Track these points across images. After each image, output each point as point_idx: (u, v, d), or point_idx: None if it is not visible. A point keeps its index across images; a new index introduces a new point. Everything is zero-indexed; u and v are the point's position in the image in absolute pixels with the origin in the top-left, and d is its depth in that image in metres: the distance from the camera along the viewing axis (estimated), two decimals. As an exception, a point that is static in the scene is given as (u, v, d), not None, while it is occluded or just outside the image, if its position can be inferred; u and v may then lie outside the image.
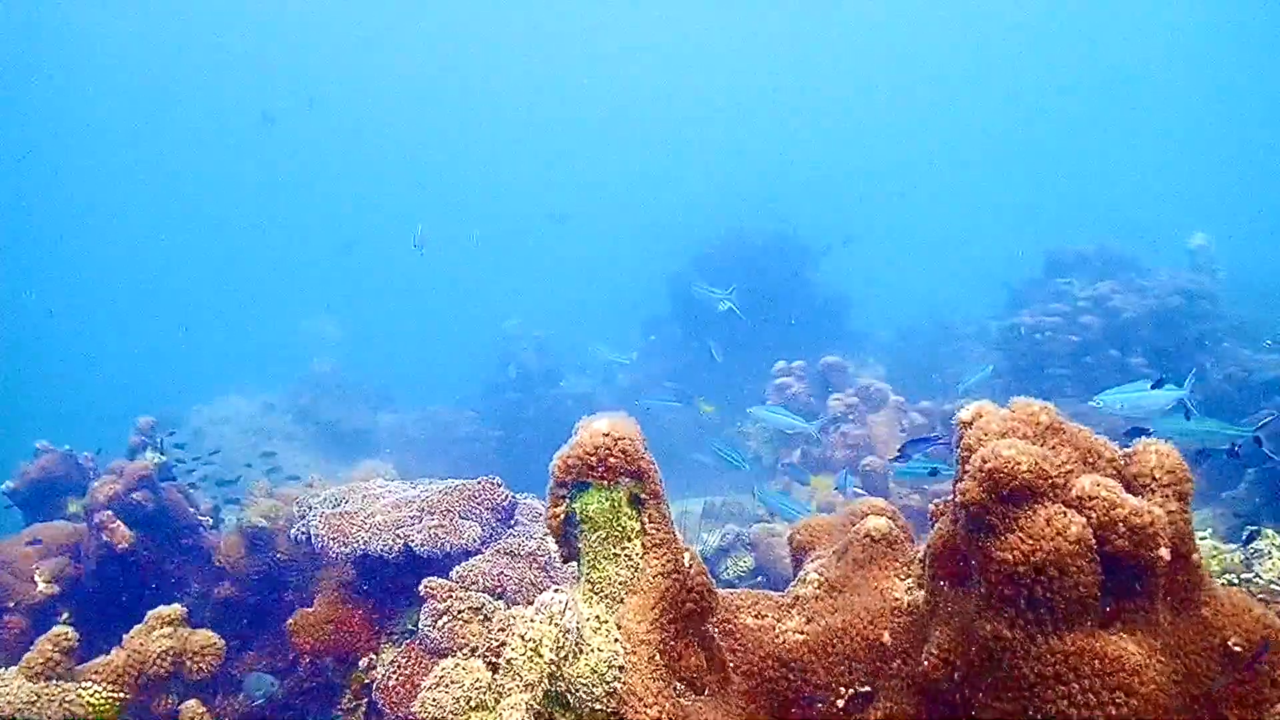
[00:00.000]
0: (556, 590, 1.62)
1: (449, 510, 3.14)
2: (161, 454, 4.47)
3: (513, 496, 3.34)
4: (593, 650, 1.56)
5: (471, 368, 16.55)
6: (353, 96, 37.21)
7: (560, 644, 1.52)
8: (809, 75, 38.50)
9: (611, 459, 1.69)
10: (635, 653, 1.62)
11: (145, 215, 38.14)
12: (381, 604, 3.21)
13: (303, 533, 3.22)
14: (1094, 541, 1.58)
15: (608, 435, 1.69)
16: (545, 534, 3.22)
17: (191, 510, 4.18)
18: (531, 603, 2.86)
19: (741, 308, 14.67)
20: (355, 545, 3.07)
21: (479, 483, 3.26)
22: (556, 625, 1.54)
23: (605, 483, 1.72)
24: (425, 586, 2.76)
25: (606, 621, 1.64)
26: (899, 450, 4.42)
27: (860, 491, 5.16)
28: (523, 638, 1.49)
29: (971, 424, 1.78)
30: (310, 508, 3.39)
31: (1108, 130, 35.82)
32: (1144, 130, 35.33)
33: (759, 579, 5.45)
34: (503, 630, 1.65)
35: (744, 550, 5.50)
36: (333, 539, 3.09)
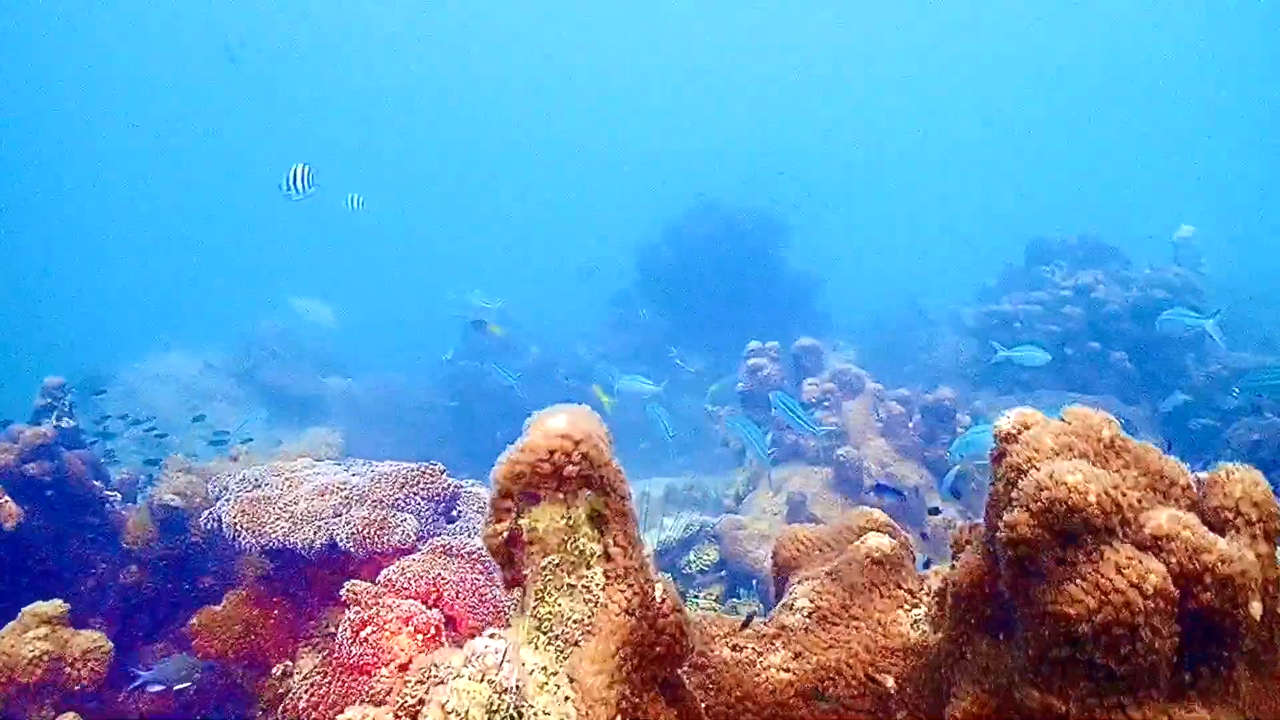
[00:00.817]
0: (492, 636, 1.28)
1: (381, 500, 2.78)
2: (70, 418, 4.05)
3: (455, 485, 2.99)
4: (536, 716, 1.22)
5: (430, 335, 16.12)
6: (312, 46, 36.27)
7: (494, 709, 1.18)
8: (789, 54, 38.07)
9: (570, 467, 1.34)
10: (590, 716, 1.28)
11: (83, 159, 36.95)
12: (302, 602, 2.86)
13: (214, 519, 2.85)
14: (1175, 594, 1.27)
15: (566, 436, 1.34)
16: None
17: (98, 484, 3.78)
18: (470, 624, 2.53)
19: (712, 283, 14.38)
20: (272, 537, 2.71)
21: (417, 468, 2.90)
22: (490, 684, 1.20)
23: (561, 496, 1.38)
24: (348, 591, 2.40)
25: (556, 674, 1.30)
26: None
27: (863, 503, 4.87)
28: (444, 708, 1.14)
29: (1017, 437, 1.45)
30: (225, 488, 3.01)
31: (1094, 118, 35.78)
32: (1134, 118, 35.29)
33: (723, 573, 5.15)
34: (420, 682, 1.30)
35: (708, 543, 5.20)
36: (246, 528, 2.72)
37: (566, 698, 1.28)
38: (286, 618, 2.80)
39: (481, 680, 1.19)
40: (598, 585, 1.38)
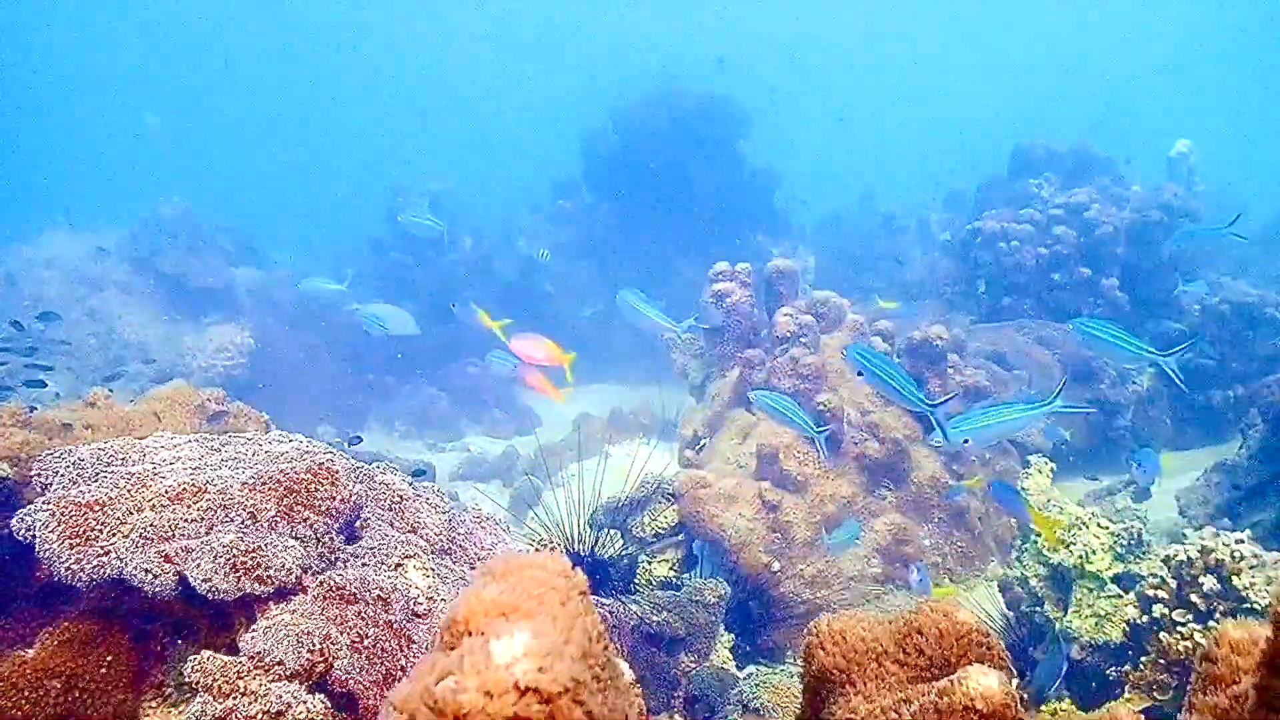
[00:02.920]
0: None
1: (255, 516, 2.11)
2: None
3: (356, 492, 2.32)
4: None
5: (355, 221, 15.18)
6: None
7: None
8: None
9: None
10: None
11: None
12: (146, 638, 2.20)
13: (28, 529, 2.15)
14: None
15: (531, 693, 0.68)
16: (411, 551, 2.22)
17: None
18: (374, 705, 1.89)
19: (663, 175, 13.58)
20: (102, 565, 2.03)
21: (308, 470, 2.22)
22: None
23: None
24: (196, 669, 1.75)
25: None
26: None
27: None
28: None
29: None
30: (49, 480, 2.31)
31: (1086, 22, 34.85)
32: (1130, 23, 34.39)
33: (680, 537, 4.59)
34: None
35: (665, 502, 4.61)
36: (68, 552, 2.04)
37: None
38: (125, 662, 2.15)
39: None
40: None
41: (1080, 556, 3.70)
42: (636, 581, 4.48)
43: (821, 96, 29.95)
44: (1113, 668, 3.51)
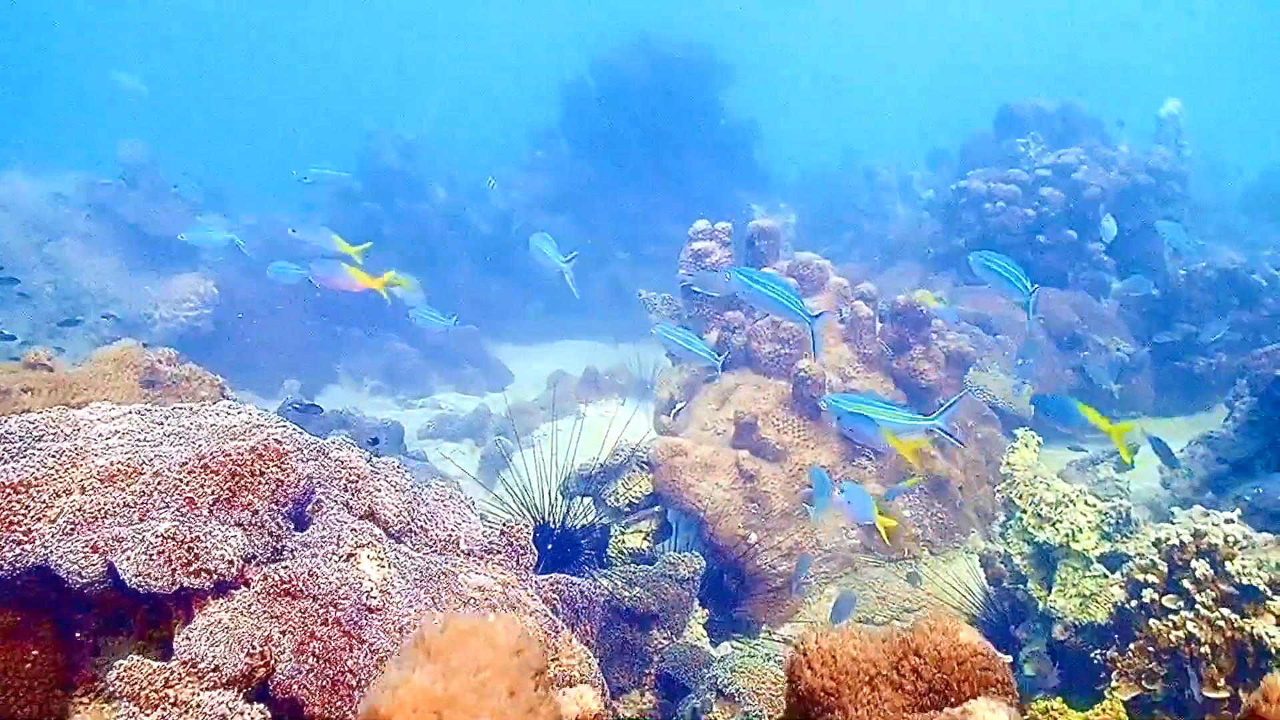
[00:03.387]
0: None
1: (194, 502, 1.94)
2: None
3: (307, 472, 2.15)
4: None
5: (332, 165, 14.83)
6: None
7: None
8: None
9: None
10: None
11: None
12: (75, 628, 2.04)
13: (-56, 511, 1.98)
14: None
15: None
16: (365, 540, 2.08)
17: None
18: (319, 713, 1.75)
19: (643, 125, 13.32)
20: (24, 554, 1.87)
21: (254, 450, 2.05)
22: None
23: None
24: (121, 677, 1.61)
25: None
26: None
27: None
28: None
29: None
30: (-27, 454, 2.14)
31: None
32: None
33: (656, 508, 4.47)
34: None
35: (640, 470, 4.48)
36: (-15, 538, 1.87)
37: None
38: (52, 657, 1.99)
39: None
40: None
41: (1066, 535, 3.60)
42: (609, 553, 4.36)
43: (804, 51, 29.57)
44: (1096, 650, 3.43)
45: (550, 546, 3.80)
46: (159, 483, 1.99)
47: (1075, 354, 6.99)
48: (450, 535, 2.52)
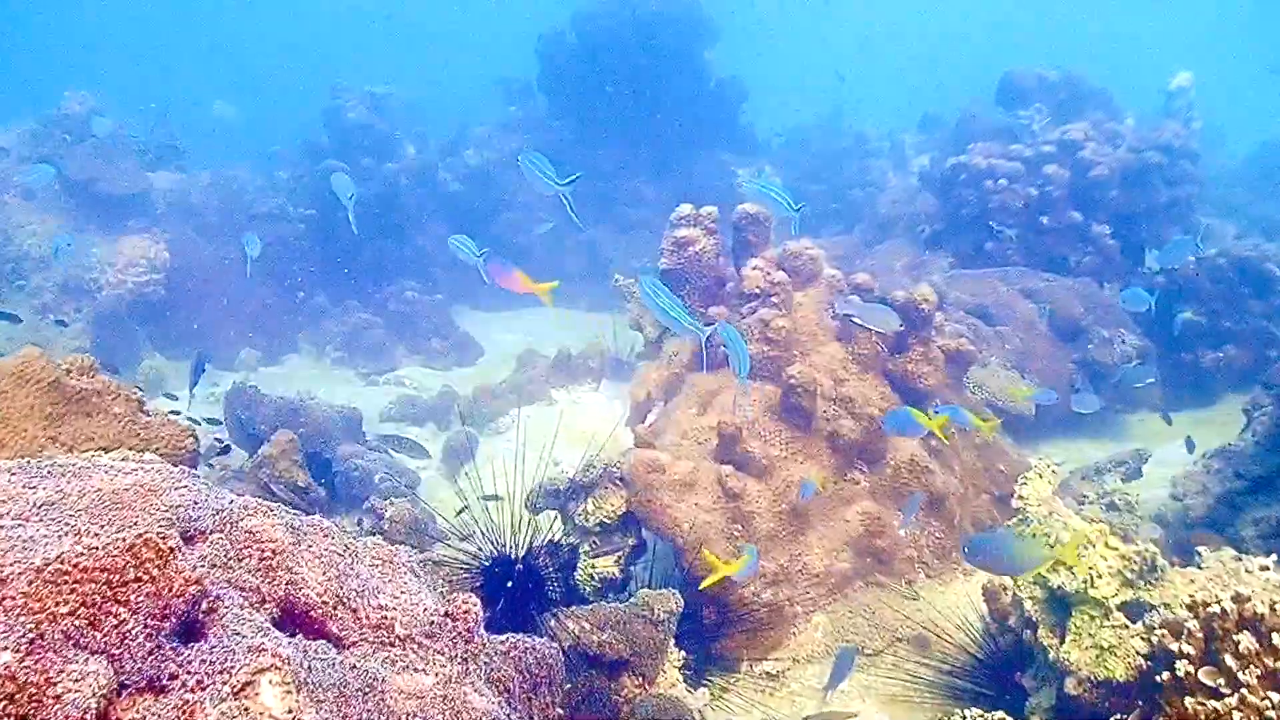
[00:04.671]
0: None
1: (47, 620, 1.57)
2: None
3: (197, 571, 1.77)
4: None
5: (290, 126, 14.29)
6: None
7: None
8: None
9: None
10: None
11: None
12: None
13: None
14: None
15: None
16: (266, 662, 1.71)
17: None
18: None
19: (625, 83, 12.83)
20: None
21: (131, 549, 1.66)
22: None
23: None
24: None
25: None
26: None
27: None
28: None
29: None
30: None
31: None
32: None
33: (628, 529, 4.12)
34: None
35: (612, 487, 4.13)
36: None
37: None
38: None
39: None
40: None
41: (1084, 581, 3.29)
42: (577, 577, 4.02)
43: (796, 15, 28.92)
44: (1112, 710, 3.13)
45: (510, 584, 3.46)
46: (5, 594, 1.61)
47: (1080, 347, 6.68)
48: (385, 618, 2.16)
